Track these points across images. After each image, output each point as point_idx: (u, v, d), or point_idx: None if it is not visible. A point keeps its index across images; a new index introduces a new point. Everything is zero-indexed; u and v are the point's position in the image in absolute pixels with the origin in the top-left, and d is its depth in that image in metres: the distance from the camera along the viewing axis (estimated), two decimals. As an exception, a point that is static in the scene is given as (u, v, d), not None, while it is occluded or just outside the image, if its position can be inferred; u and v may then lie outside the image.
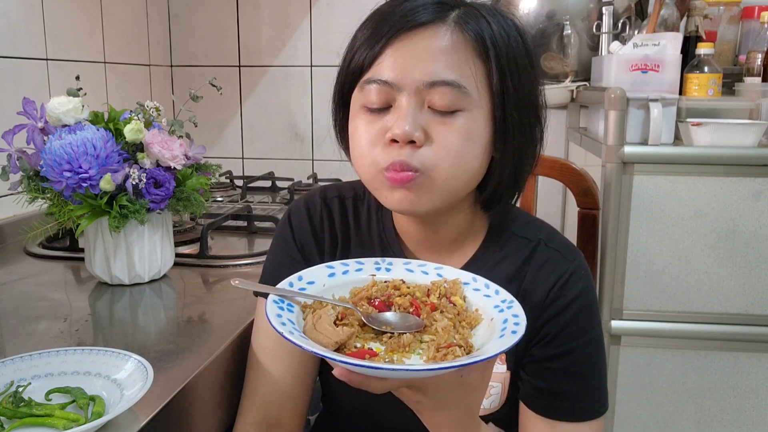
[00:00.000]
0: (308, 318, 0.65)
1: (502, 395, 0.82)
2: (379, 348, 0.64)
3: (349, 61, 0.76)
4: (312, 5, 2.10)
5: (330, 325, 0.63)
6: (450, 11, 0.73)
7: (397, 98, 0.72)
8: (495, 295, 0.70)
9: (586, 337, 0.79)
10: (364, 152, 0.75)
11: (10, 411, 0.67)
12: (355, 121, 0.76)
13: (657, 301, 1.41)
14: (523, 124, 0.75)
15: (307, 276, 0.72)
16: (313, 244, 0.88)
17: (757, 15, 1.67)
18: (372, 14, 0.76)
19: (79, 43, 1.68)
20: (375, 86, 0.72)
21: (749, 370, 1.42)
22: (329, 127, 0.87)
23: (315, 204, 0.89)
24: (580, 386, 0.80)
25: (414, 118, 0.70)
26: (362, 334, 0.66)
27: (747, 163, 1.34)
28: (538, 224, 0.86)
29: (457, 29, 0.72)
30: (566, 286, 0.79)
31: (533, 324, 0.80)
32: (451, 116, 0.71)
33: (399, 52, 0.71)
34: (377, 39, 0.72)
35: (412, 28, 0.71)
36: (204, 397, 0.80)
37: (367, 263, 0.76)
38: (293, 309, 0.66)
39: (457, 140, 0.71)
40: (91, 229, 1.07)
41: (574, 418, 0.79)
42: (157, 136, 1.06)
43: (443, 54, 0.71)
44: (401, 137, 0.70)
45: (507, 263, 0.82)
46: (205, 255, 1.25)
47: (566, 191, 1.98)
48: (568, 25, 1.76)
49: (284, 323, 0.62)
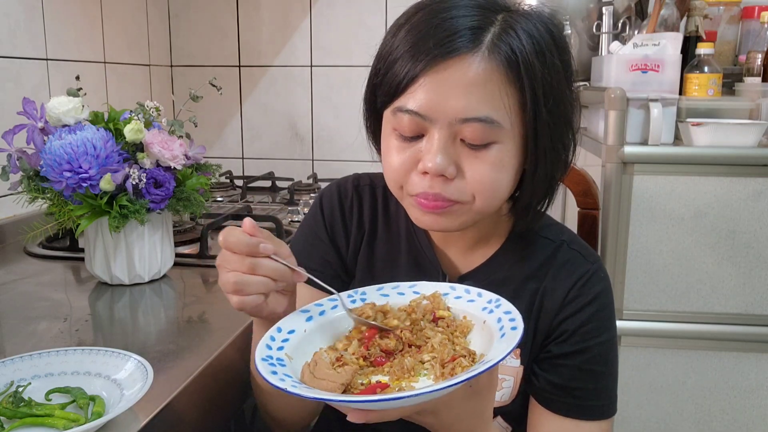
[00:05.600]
0: (304, 368, 0.64)
1: (514, 389, 0.83)
2: (383, 379, 0.63)
3: (383, 74, 0.74)
4: (312, 5, 2.10)
5: (329, 369, 0.62)
6: (485, 35, 0.70)
7: (430, 129, 0.72)
8: (479, 298, 0.70)
9: (603, 338, 0.81)
10: (396, 175, 0.76)
11: (10, 411, 0.67)
12: (388, 141, 0.76)
13: (657, 301, 1.41)
14: (557, 148, 0.75)
15: (285, 325, 0.71)
16: (341, 228, 0.90)
17: (757, 15, 1.67)
18: (409, 27, 0.73)
19: (79, 43, 1.68)
20: (407, 117, 0.72)
21: (749, 370, 1.41)
22: (329, 127, 0.87)
23: (347, 190, 0.91)
24: (592, 384, 0.81)
25: (446, 152, 0.71)
26: (360, 370, 0.65)
27: (747, 163, 1.34)
28: (560, 227, 0.88)
29: (490, 57, 0.69)
30: (586, 285, 0.81)
31: (551, 321, 0.81)
32: (484, 149, 0.72)
33: (434, 83, 0.70)
34: (414, 62, 0.70)
35: (447, 57, 0.69)
36: (204, 397, 0.80)
37: (341, 297, 0.74)
38: (284, 362, 0.65)
39: (490, 173, 0.72)
40: (91, 229, 1.07)
41: (584, 416, 0.81)
42: (157, 136, 1.06)
43: (476, 87, 0.69)
44: (433, 171, 0.71)
45: (528, 262, 0.84)
46: (205, 255, 1.25)
47: (566, 191, 1.98)
48: (568, 25, 1.76)
49: (282, 379, 0.60)
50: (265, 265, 0.68)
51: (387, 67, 0.74)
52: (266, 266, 0.68)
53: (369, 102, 0.80)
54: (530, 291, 0.82)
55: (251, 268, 0.67)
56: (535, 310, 0.82)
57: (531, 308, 0.82)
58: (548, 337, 0.82)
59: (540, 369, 0.82)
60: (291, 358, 0.66)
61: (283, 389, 0.57)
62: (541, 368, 0.82)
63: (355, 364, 0.65)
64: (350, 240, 0.89)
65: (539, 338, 0.82)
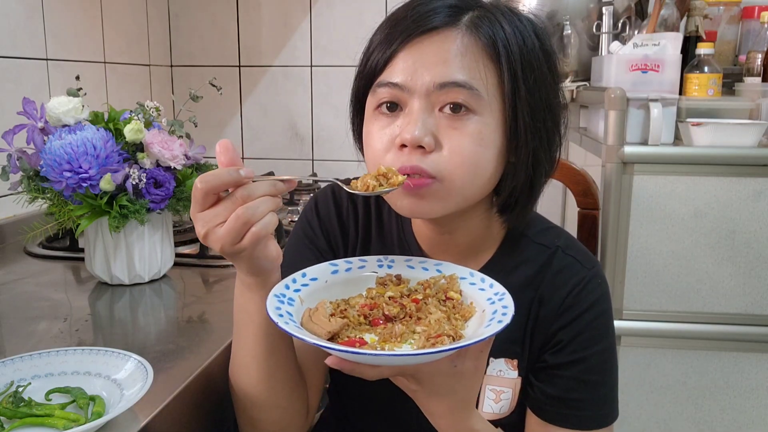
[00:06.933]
0: (305, 312, 0.68)
1: (512, 401, 0.82)
2: (372, 339, 0.66)
3: (364, 64, 0.76)
4: (312, 5, 2.10)
5: (325, 317, 0.66)
6: (463, 15, 0.72)
7: (408, 102, 0.72)
8: (489, 289, 0.71)
9: (600, 346, 0.79)
10: (376, 157, 0.74)
11: (10, 411, 0.67)
12: (369, 125, 0.76)
13: (657, 301, 1.41)
14: (537, 128, 0.73)
15: (310, 272, 0.74)
16: (339, 233, 0.88)
17: (757, 15, 1.67)
18: (387, 18, 0.76)
19: (79, 43, 1.68)
20: (386, 89, 0.72)
21: (749, 370, 1.41)
22: (329, 127, 0.87)
23: (341, 196, 0.89)
24: (590, 394, 0.79)
25: (424, 123, 0.70)
26: (358, 326, 0.68)
27: (747, 163, 1.34)
28: (556, 231, 0.85)
29: (469, 33, 0.71)
30: (583, 293, 0.79)
31: (547, 330, 0.80)
32: (461, 120, 0.70)
33: (410, 55, 0.71)
34: (390, 42, 0.72)
35: (424, 33, 0.71)
36: (204, 397, 0.80)
37: (370, 261, 0.78)
38: (293, 303, 0.68)
39: (469, 145, 0.70)
40: (91, 229, 1.07)
41: (582, 426, 0.79)
42: (157, 136, 1.06)
43: (454, 57, 0.70)
44: (410, 142, 0.70)
45: (523, 269, 0.82)
46: (205, 255, 1.25)
47: (566, 191, 1.98)
48: (568, 25, 1.76)
49: (282, 315, 0.64)
50: (257, 186, 0.64)
51: (368, 56, 0.75)
52: (259, 186, 0.64)
53: (354, 98, 0.81)
54: (526, 299, 0.80)
55: (247, 197, 0.63)
56: (532, 319, 0.80)
57: (528, 317, 0.80)
58: (544, 346, 0.80)
59: (536, 380, 0.81)
60: (303, 301, 0.69)
61: (275, 322, 0.62)
62: (537, 379, 0.81)
63: (355, 319, 0.68)
64: (348, 244, 0.88)
65: (535, 347, 0.81)
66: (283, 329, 0.61)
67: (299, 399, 0.82)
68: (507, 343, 0.80)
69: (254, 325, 0.74)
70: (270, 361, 0.76)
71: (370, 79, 0.75)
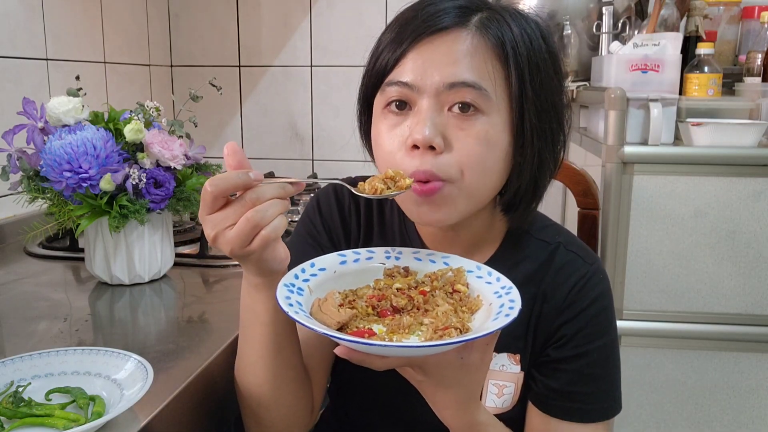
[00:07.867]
0: (315, 302, 0.68)
1: (515, 395, 0.83)
2: (381, 329, 0.67)
3: (373, 64, 0.77)
4: (312, 5, 2.10)
5: (334, 307, 0.66)
6: (472, 15, 0.73)
7: (418, 101, 0.72)
8: (496, 282, 0.72)
9: (603, 340, 0.80)
10: (387, 158, 0.75)
11: (10, 411, 0.67)
12: (378, 125, 0.77)
13: (657, 301, 1.41)
14: (543, 129, 0.74)
15: (319, 263, 0.75)
16: (341, 230, 0.89)
17: (757, 15, 1.67)
18: (396, 17, 0.76)
19: (79, 43, 1.68)
20: (396, 88, 0.73)
21: (749, 370, 1.41)
22: (329, 127, 0.87)
23: (344, 194, 0.90)
24: (592, 388, 0.80)
25: (433, 122, 0.71)
26: (366, 317, 0.69)
27: (747, 163, 1.34)
28: (556, 228, 0.87)
29: (479, 34, 0.72)
30: (585, 288, 0.80)
31: (550, 325, 0.81)
32: (469, 120, 0.71)
33: (420, 55, 0.72)
34: (400, 42, 0.73)
35: (434, 33, 0.72)
36: (204, 397, 0.80)
37: (378, 252, 0.79)
38: (303, 292, 0.69)
39: (477, 146, 0.71)
40: (91, 229, 1.07)
41: (585, 419, 0.80)
42: (157, 136, 1.06)
43: (463, 57, 0.71)
44: (421, 143, 0.70)
45: (525, 265, 0.83)
46: (205, 255, 1.25)
47: (566, 191, 1.98)
48: (568, 25, 1.76)
49: (291, 304, 0.64)
50: (266, 189, 0.64)
51: (376, 57, 0.76)
52: (268, 189, 0.64)
53: (362, 97, 0.81)
54: (529, 295, 0.81)
55: (256, 200, 0.63)
56: (534, 314, 0.81)
57: (530, 313, 0.81)
58: (547, 342, 0.81)
59: (539, 374, 0.81)
60: (312, 291, 0.70)
61: (286, 311, 0.62)
62: (540, 373, 0.81)
63: (363, 310, 0.69)
64: (350, 241, 0.89)
65: (539, 343, 0.82)
66: (294, 319, 0.61)
67: (305, 397, 0.83)
68: (510, 338, 0.81)
69: (261, 325, 0.74)
70: (276, 360, 0.76)
71: (379, 78, 0.75)
